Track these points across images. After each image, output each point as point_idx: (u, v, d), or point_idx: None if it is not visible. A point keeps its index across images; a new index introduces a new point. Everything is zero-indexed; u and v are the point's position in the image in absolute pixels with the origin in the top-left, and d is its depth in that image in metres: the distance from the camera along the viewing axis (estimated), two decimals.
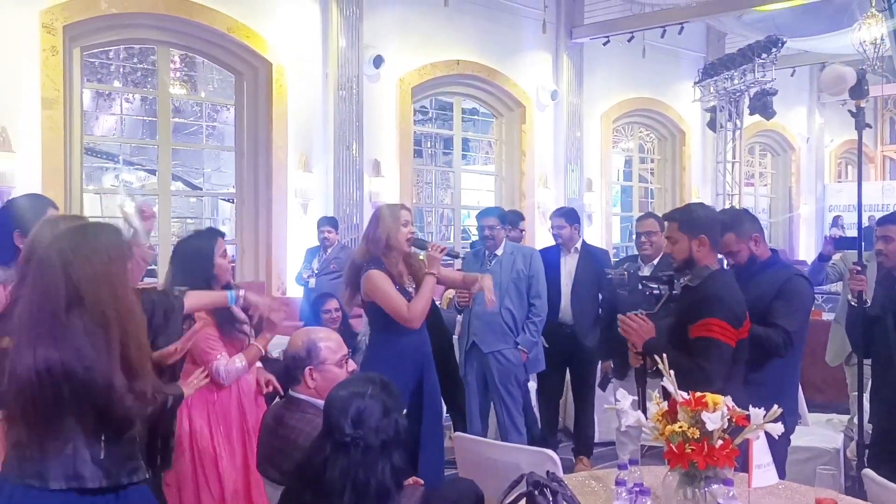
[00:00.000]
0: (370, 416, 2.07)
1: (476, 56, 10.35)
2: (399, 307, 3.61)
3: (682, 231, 3.07)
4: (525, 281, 4.63)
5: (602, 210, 12.18)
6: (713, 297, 2.94)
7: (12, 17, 6.73)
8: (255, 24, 8.31)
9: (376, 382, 2.18)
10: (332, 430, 2.08)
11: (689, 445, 2.31)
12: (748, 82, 9.97)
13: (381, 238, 3.67)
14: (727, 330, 2.89)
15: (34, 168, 6.87)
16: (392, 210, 3.75)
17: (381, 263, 3.65)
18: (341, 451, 2.04)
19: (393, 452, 2.08)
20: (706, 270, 3.03)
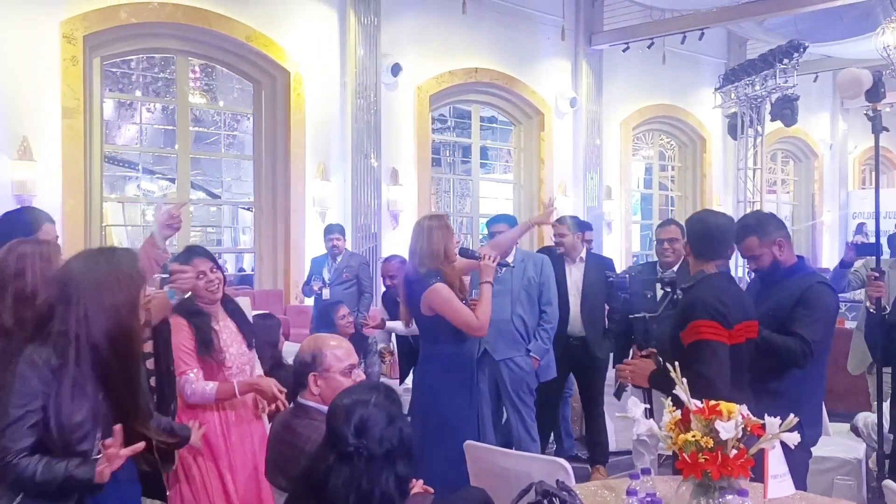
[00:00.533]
0: (374, 425, 2.02)
1: (494, 64, 10.34)
2: (470, 318, 3.62)
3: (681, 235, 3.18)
4: (536, 288, 4.59)
5: (622, 218, 12.10)
6: (695, 300, 2.91)
7: (33, 28, 6.83)
8: (273, 34, 8.36)
9: (380, 390, 2.14)
10: (334, 440, 2.03)
11: (702, 455, 2.25)
12: (769, 88, 9.85)
13: (438, 250, 3.65)
14: (716, 328, 2.82)
15: (55, 177, 6.95)
16: (442, 220, 3.75)
17: (441, 276, 3.62)
18: (344, 460, 2.00)
19: (397, 461, 2.04)
20: (700, 274, 3.01)
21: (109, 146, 8.53)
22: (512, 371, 4.54)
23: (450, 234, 3.69)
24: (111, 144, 8.89)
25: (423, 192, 9.69)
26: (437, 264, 3.64)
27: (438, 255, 3.64)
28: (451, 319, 3.62)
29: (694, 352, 2.83)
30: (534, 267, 4.63)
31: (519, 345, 4.54)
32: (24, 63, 6.78)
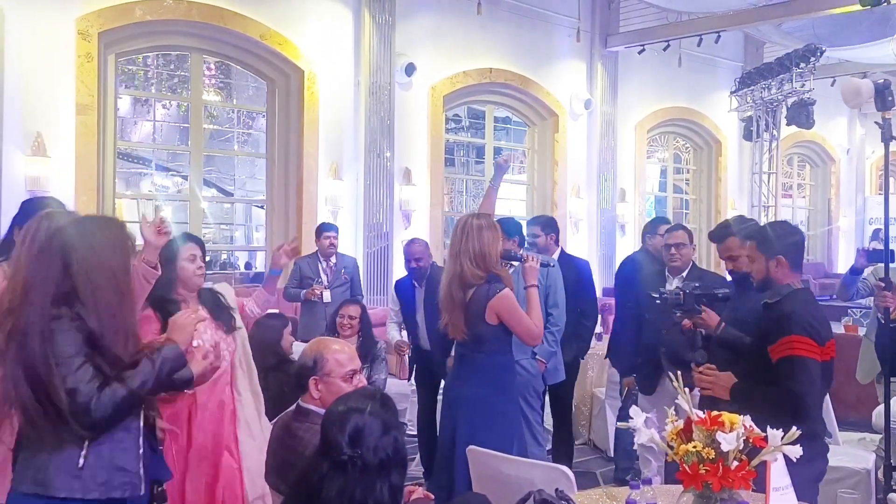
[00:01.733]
0: (369, 435, 2.01)
1: (509, 64, 10.31)
2: (531, 326, 3.48)
3: (759, 251, 3.03)
4: (542, 291, 4.56)
5: (635, 221, 12.02)
6: (791, 314, 2.85)
7: (48, 24, 6.87)
8: (287, 32, 8.37)
9: (376, 398, 2.12)
10: (329, 448, 2.02)
11: (703, 466, 2.23)
12: (786, 92, 9.78)
13: (489, 252, 3.45)
14: (810, 345, 2.79)
15: (68, 173, 6.99)
16: (492, 221, 3.56)
17: (500, 281, 3.47)
18: (338, 469, 1.99)
19: (392, 471, 2.02)
20: (787, 288, 2.96)
21: (124, 143, 8.57)
22: (519, 375, 4.51)
23: (499, 235, 3.50)
24: (125, 141, 8.94)
25: (435, 192, 9.68)
26: (492, 268, 3.45)
27: (492, 258, 3.44)
28: (516, 328, 3.47)
29: (785, 368, 2.80)
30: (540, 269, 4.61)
31: (525, 348, 4.51)
32: (40, 59, 6.82)
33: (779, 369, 2.80)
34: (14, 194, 6.42)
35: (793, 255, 3.00)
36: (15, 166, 6.68)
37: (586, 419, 6.08)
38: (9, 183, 6.58)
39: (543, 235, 5.06)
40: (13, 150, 6.68)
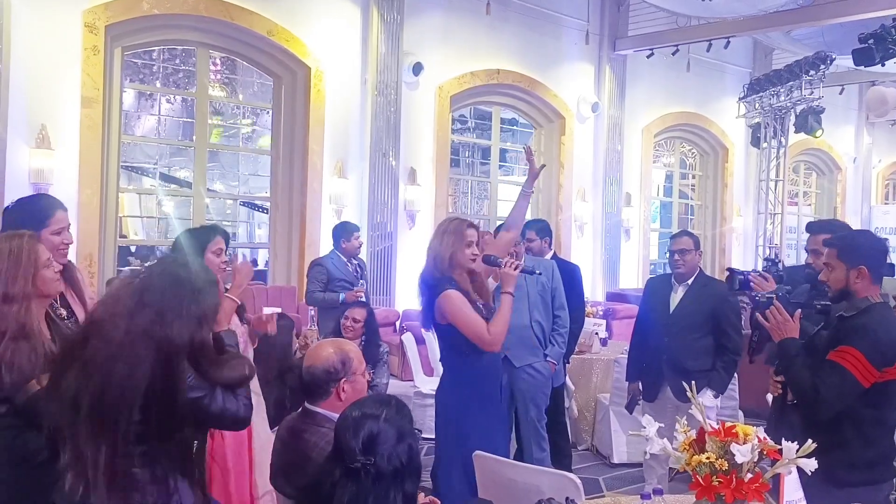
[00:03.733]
0: (383, 442, 1.97)
1: (517, 66, 10.27)
2: (480, 331, 3.43)
3: (840, 259, 2.86)
4: (549, 293, 4.57)
5: (640, 225, 11.98)
6: (860, 327, 2.76)
7: (55, 16, 6.83)
8: (295, 29, 8.33)
9: (391, 405, 2.08)
10: (342, 453, 1.99)
11: (716, 478, 2.19)
12: (794, 99, 9.73)
13: (444, 255, 3.49)
14: (862, 364, 2.70)
15: (72, 166, 6.94)
16: (458, 227, 3.56)
17: (453, 283, 3.49)
18: (351, 476, 1.95)
19: (405, 480, 1.98)
20: (865, 302, 2.82)
21: (127, 137, 8.53)
22: (531, 377, 4.52)
23: (461, 242, 3.49)
24: (129, 135, 8.90)
25: (440, 192, 9.64)
26: (445, 271, 3.49)
27: (444, 260, 3.49)
28: (463, 330, 3.44)
29: (826, 368, 2.75)
30: (544, 272, 4.61)
31: (537, 350, 4.53)
32: (46, 51, 6.77)
33: (822, 365, 2.76)
34: (18, 186, 6.39)
35: (876, 267, 2.85)
36: (19, 158, 6.64)
37: (589, 425, 6.03)
38: (13, 175, 6.54)
39: (538, 239, 5.17)
40: (18, 142, 6.64)
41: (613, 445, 5.66)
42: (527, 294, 4.52)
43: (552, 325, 4.60)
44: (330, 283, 5.85)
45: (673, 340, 4.39)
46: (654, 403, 4.53)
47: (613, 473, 5.50)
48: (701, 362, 4.34)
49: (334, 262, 6.02)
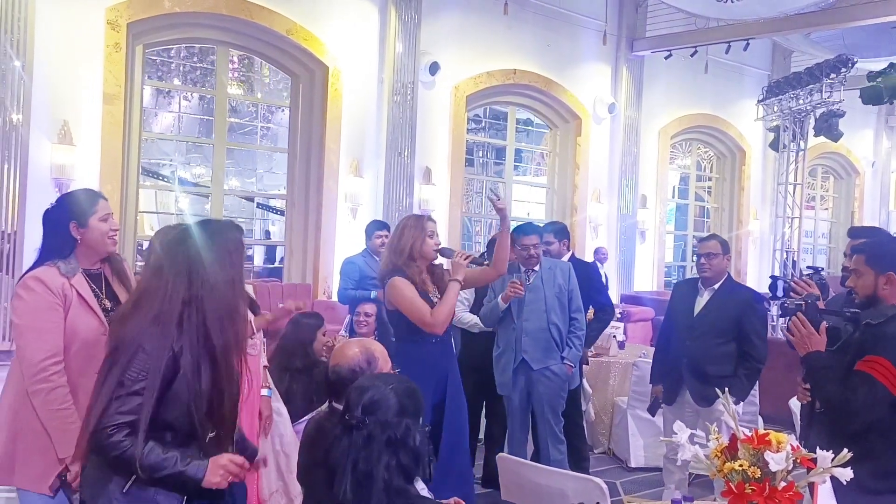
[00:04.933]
0: (383, 409, 2.05)
1: (533, 66, 10.25)
2: (422, 313, 3.64)
3: (868, 265, 2.82)
4: (566, 295, 4.56)
5: (655, 227, 11.94)
6: (889, 336, 2.70)
7: (78, 14, 6.87)
8: (313, 27, 8.34)
9: (404, 383, 2.16)
10: (345, 409, 2.09)
11: (749, 486, 2.17)
12: (814, 102, 9.62)
13: (404, 248, 3.73)
14: (892, 373, 2.64)
15: (93, 162, 6.99)
16: (418, 221, 3.82)
17: (403, 272, 3.70)
18: (346, 432, 2.04)
19: (399, 452, 2.03)
20: (893, 310, 2.75)
21: (146, 133, 8.56)
22: (549, 380, 4.50)
23: (422, 235, 3.73)
24: (147, 132, 8.93)
25: (455, 192, 9.63)
26: (402, 262, 3.71)
27: (403, 253, 3.71)
28: (407, 314, 3.66)
29: (855, 379, 2.70)
30: (562, 274, 4.61)
31: (554, 353, 4.51)
32: (69, 48, 6.82)
33: (851, 377, 2.72)
34: (40, 181, 6.45)
35: None
36: (42, 154, 6.68)
37: (606, 428, 6.00)
38: (35, 170, 6.58)
39: (556, 242, 5.21)
40: (40, 138, 6.68)
41: (631, 449, 5.63)
42: (544, 297, 4.51)
43: (569, 328, 4.58)
44: (361, 281, 5.77)
45: (695, 344, 4.36)
46: (672, 406, 4.50)
47: (631, 477, 5.47)
48: (722, 368, 4.30)
49: (366, 261, 5.91)
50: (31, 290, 2.57)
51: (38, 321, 2.55)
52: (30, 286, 2.58)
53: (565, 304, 4.58)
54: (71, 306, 2.60)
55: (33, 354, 2.52)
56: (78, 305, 2.61)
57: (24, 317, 2.57)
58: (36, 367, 2.51)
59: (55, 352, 2.52)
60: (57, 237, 2.69)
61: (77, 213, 2.69)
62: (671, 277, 12.78)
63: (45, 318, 2.55)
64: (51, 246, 2.69)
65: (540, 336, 4.48)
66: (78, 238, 2.68)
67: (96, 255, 2.74)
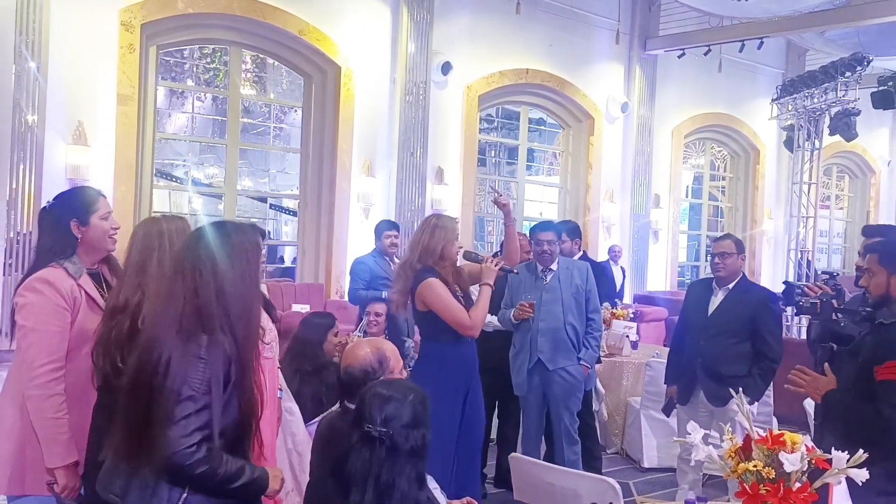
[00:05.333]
0: (402, 422, 2.07)
1: (546, 65, 10.22)
2: (461, 316, 3.66)
3: (881, 264, 2.80)
4: (583, 295, 4.53)
5: (669, 227, 11.88)
6: None
7: (93, 15, 6.92)
8: (326, 28, 8.36)
9: (418, 393, 2.18)
10: (361, 420, 2.07)
11: (763, 486, 2.15)
12: (829, 101, 9.54)
13: (436, 248, 3.73)
14: None
15: (107, 162, 7.04)
16: (449, 222, 3.86)
17: (435, 272, 3.70)
18: (366, 443, 2.04)
19: (418, 463, 2.07)
20: None
21: (159, 134, 8.61)
22: (564, 380, 4.48)
23: (452, 238, 3.78)
24: (160, 132, 8.98)
25: (467, 191, 9.62)
26: (433, 262, 3.72)
27: (435, 254, 3.72)
28: (442, 315, 3.66)
29: (884, 390, 2.65)
30: (579, 274, 4.57)
31: (571, 353, 4.48)
32: (83, 49, 6.87)
33: (878, 389, 2.67)
34: (55, 181, 6.49)
35: None
36: (56, 154, 6.74)
37: (619, 428, 5.97)
38: (50, 170, 6.64)
39: (569, 241, 5.25)
40: (55, 138, 6.73)
41: (644, 449, 5.60)
42: (561, 297, 4.48)
43: (586, 328, 4.55)
44: (372, 282, 5.73)
45: (708, 344, 4.33)
46: (686, 406, 4.48)
47: (644, 478, 5.44)
48: (736, 368, 4.27)
49: (376, 261, 5.87)
50: (39, 292, 2.53)
51: (44, 324, 2.50)
52: (37, 288, 2.53)
53: (582, 305, 4.54)
54: (80, 308, 2.57)
55: (34, 358, 2.47)
56: (86, 306, 2.58)
57: (30, 319, 2.51)
58: (35, 371, 2.46)
59: (57, 357, 2.49)
60: (57, 235, 2.64)
61: (79, 210, 2.66)
62: (684, 277, 12.72)
63: (51, 322, 2.51)
64: (51, 245, 2.64)
65: (556, 336, 4.46)
66: (79, 237, 2.64)
67: (97, 253, 2.71)
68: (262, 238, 3.27)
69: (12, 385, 2.62)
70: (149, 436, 1.90)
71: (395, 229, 5.98)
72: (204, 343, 1.94)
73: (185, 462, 1.89)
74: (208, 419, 1.92)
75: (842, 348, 3.09)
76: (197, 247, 2.07)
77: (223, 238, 2.08)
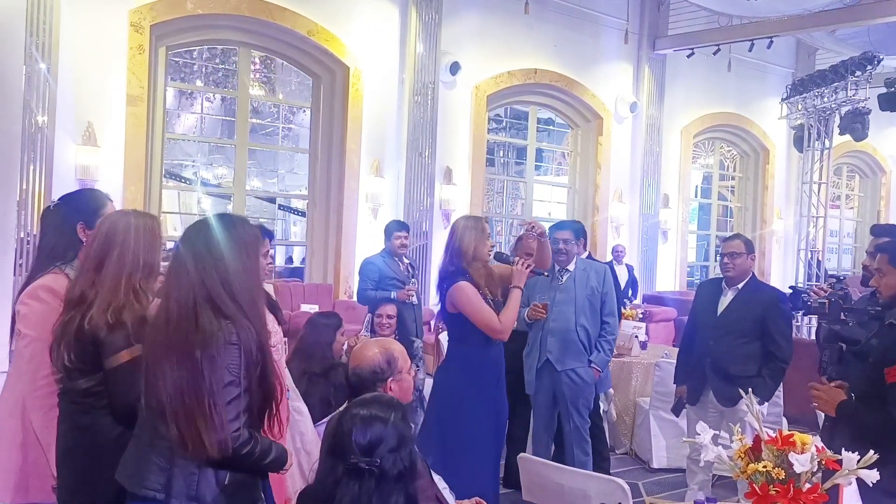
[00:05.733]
0: (389, 445, 1.94)
1: (554, 65, 10.21)
2: (492, 320, 3.66)
3: (892, 264, 2.81)
4: (599, 298, 4.49)
5: (678, 227, 11.84)
6: None
7: (102, 16, 6.95)
8: (334, 28, 8.37)
9: (397, 409, 2.04)
10: (344, 450, 1.93)
11: (773, 487, 2.14)
12: (839, 100, 9.51)
13: (467, 249, 3.70)
14: None
15: (117, 163, 7.06)
16: (478, 222, 3.82)
17: (467, 274, 3.69)
18: (353, 476, 1.91)
19: (408, 484, 1.96)
20: None
21: (169, 134, 8.64)
22: (573, 382, 4.45)
23: (482, 237, 3.75)
24: (170, 133, 9.01)
25: (476, 192, 9.62)
26: (465, 263, 3.70)
27: (467, 255, 3.70)
28: (472, 318, 3.66)
29: (894, 393, 2.64)
30: (596, 276, 4.53)
31: (581, 356, 4.45)
32: (93, 51, 6.90)
33: (889, 392, 2.65)
34: (65, 182, 6.51)
35: None
36: (66, 155, 6.77)
37: (628, 429, 5.96)
38: (60, 171, 6.66)
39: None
40: (65, 139, 6.76)
41: (653, 450, 5.59)
42: (574, 298, 4.46)
43: (600, 331, 4.50)
44: (381, 282, 5.71)
45: (718, 344, 4.31)
46: (696, 407, 4.46)
47: (653, 478, 5.43)
48: (745, 368, 4.25)
49: (385, 261, 5.83)
50: (42, 300, 2.50)
51: (47, 332, 2.42)
52: (40, 297, 2.50)
53: (597, 308, 4.50)
54: None
55: (38, 368, 2.44)
56: None
57: (32, 328, 2.48)
58: (38, 382, 2.44)
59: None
60: (62, 238, 2.62)
61: (86, 213, 2.64)
62: (694, 277, 12.68)
63: (52, 331, 2.46)
64: (53, 245, 2.62)
65: (565, 337, 4.44)
66: (84, 240, 2.60)
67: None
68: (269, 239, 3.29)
69: (10, 394, 2.60)
70: (191, 427, 1.95)
71: (405, 230, 5.96)
72: (233, 329, 1.99)
73: (235, 445, 1.97)
74: (248, 402, 2.02)
75: (850, 349, 3.07)
76: (197, 239, 2.09)
77: (225, 231, 2.10)
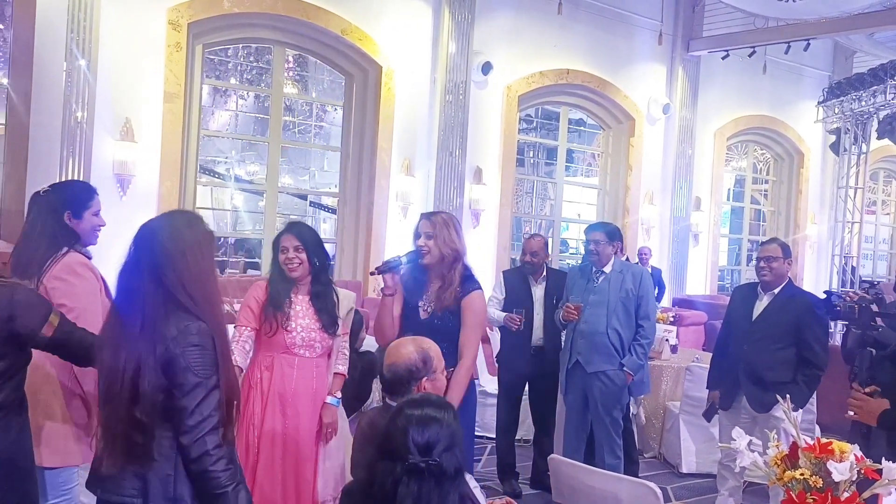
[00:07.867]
0: (445, 444, 1.96)
1: (587, 66, 10.16)
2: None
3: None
4: (634, 301, 4.44)
5: (710, 230, 11.72)
6: None
7: (141, 14, 7.05)
8: (367, 28, 8.41)
9: (449, 409, 2.06)
10: (401, 450, 1.95)
11: (810, 495, 2.12)
12: (878, 104, 9.36)
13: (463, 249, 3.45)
14: None
15: (153, 158, 7.16)
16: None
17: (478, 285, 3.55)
18: (413, 475, 1.92)
19: (462, 482, 1.99)
20: None
21: (203, 131, 8.73)
22: (604, 385, 4.43)
23: None
24: (204, 130, 9.11)
25: (505, 192, 9.61)
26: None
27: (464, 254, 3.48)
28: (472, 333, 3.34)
29: None
30: (632, 279, 4.48)
31: (612, 358, 4.41)
32: (131, 48, 7.00)
33: None
34: (102, 177, 6.63)
35: None
36: (104, 150, 6.88)
37: (657, 433, 5.92)
38: (98, 166, 6.77)
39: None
40: (103, 135, 6.87)
41: (683, 455, 5.55)
42: (607, 301, 4.43)
43: (634, 335, 4.45)
44: None
45: (752, 349, 4.27)
46: (728, 412, 4.42)
47: (682, 483, 5.39)
48: (779, 374, 4.20)
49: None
50: (81, 275, 2.70)
51: (94, 304, 2.67)
52: (79, 272, 2.70)
53: (631, 311, 4.45)
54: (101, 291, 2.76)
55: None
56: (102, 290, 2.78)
57: (80, 300, 2.65)
58: None
59: None
60: (48, 222, 2.76)
61: (74, 203, 2.81)
62: (725, 281, 12.54)
63: (97, 302, 2.69)
64: (41, 228, 2.75)
65: (596, 340, 4.41)
66: (74, 229, 2.79)
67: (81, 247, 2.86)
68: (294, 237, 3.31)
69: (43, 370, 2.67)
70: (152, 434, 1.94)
71: None
72: (193, 330, 1.96)
73: (211, 445, 1.95)
74: (219, 399, 1.98)
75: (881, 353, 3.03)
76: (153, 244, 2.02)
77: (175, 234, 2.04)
